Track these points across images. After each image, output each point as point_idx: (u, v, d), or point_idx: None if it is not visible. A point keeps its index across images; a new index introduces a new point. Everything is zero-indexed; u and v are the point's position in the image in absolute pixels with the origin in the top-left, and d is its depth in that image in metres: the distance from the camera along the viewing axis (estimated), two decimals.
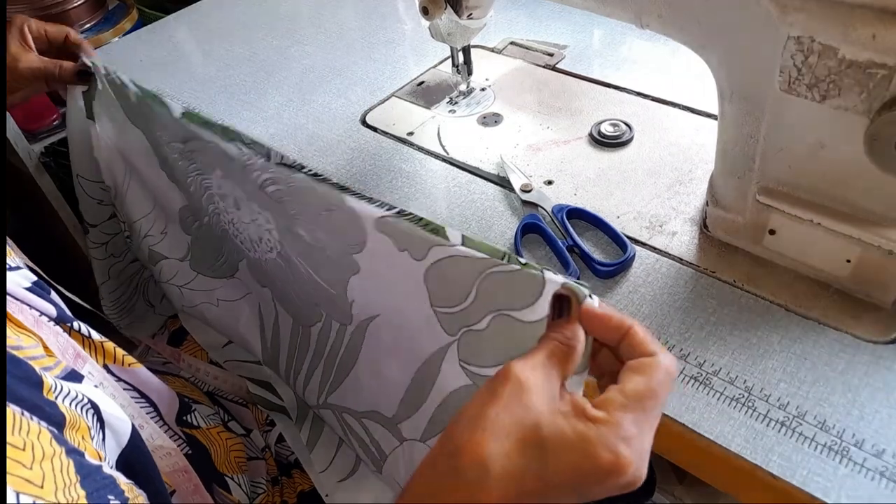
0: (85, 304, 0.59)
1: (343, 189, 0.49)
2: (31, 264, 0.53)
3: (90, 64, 0.68)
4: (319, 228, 0.54)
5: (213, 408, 0.65)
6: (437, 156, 0.71)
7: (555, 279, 0.39)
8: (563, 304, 0.36)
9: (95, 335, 0.49)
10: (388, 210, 0.47)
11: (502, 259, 0.42)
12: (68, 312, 0.49)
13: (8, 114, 1.02)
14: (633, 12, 0.53)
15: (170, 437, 0.52)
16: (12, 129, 1.03)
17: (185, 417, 0.56)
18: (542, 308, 0.40)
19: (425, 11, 0.64)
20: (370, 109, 0.79)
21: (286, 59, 0.91)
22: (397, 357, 0.55)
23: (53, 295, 0.49)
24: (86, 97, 0.71)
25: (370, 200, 0.48)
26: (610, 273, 0.56)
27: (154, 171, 0.71)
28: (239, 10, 1.06)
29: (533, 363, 0.33)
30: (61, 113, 1.25)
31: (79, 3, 1.26)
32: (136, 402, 0.50)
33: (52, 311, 0.46)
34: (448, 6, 0.64)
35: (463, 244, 0.44)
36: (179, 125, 0.60)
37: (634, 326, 0.34)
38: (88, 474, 0.32)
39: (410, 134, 0.75)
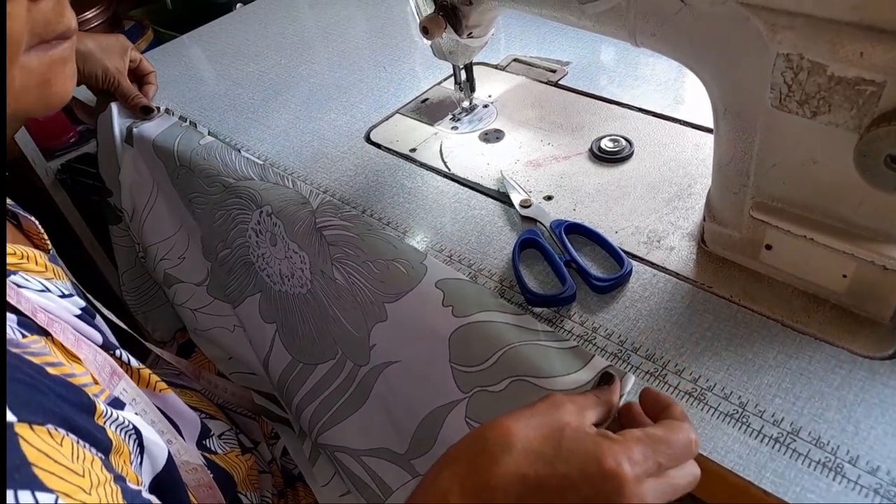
0: (125, 327, 0.61)
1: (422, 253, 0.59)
2: (81, 289, 0.54)
3: (157, 108, 0.82)
4: (361, 274, 0.60)
5: (227, 423, 0.66)
6: (438, 172, 0.72)
7: (598, 361, 0.49)
8: (605, 378, 0.43)
9: (134, 362, 0.51)
10: (462, 277, 0.56)
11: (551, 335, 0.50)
12: (112, 339, 0.51)
13: (25, 131, 1.05)
14: (628, 31, 0.54)
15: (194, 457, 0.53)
16: (30, 146, 1.06)
17: (204, 442, 0.57)
18: (573, 379, 0.48)
19: (425, 31, 0.65)
20: (374, 126, 0.80)
21: (294, 77, 0.93)
22: (409, 403, 0.57)
23: (98, 320, 0.51)
24: (130, 125, 0.81)
25: (446, 267, 0.57)
26: (607, 288, 0.56)
27: (175, 202, 0.75)
28: (250, 30, 1.08)
29: (572, 398, 0.39)
30: (78, 131, 1.28)
31: (96, 23, 1.30)
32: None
33: (98, 338, 0.47)
34: (448, 26, 0.65)
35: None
36: (252, 166, 0.71)
37: (678, 405, 0.41)
38: (132, 500, 0.34)
39: (413, 150, 0.76)
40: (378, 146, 0.77)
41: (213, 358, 0.81)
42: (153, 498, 0.37)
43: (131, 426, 0.40)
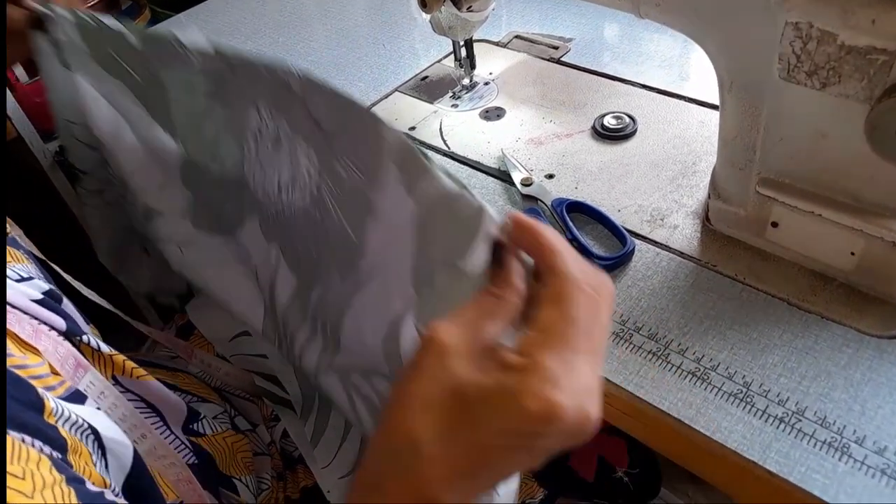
0: (105, 304, 0.59)
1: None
2: (48, 273, 0.52)
3: (41, 11, 0.60)
4: (356, 165, 0.50)
5: (221, 405, 0.65)
6: (438, 150, 0.71)
7: (492, 212, 0.34)
8: (497, 251, 0.33)
9: (105, 348, 0.48)
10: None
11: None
12: (80, 324, 0.48)
13: (23, 113, 1.04)
14: (632, 2, 0.52)
15: (175, 448, 0.51)
16: (27, 128, 1.05)
17: (191, 426, 0.56)
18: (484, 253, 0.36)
19: (423, 4, 0.63)
20: (373, 105, 0.79)
21: (291, 55, 0.91)
22: (374, 318, 0.51)
23: (66, 304, 0.49)
24: (56, 47, 0.64)
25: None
26: (609, 267, 0.55)
27: (146, 122, 0.67)
28: (247, 8, 1.07)
29: (459, 320, 0.30)
30: None
31: (93, 2, 1.28)
32: (142, 413, 0.50)
33: (62, 324, 0.45)
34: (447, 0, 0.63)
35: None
36: (219, 59, 0.55)
37: (562, 252, 0.31)
38: (91, 502, 0.32)
39: (412, 129, 0.74)
40: None
41: (212, 339, 0.79)
42: (120, 500, 0.35)
43: (86, 425, 0.38)
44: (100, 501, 0.33)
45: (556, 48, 0.84)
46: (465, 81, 0.78)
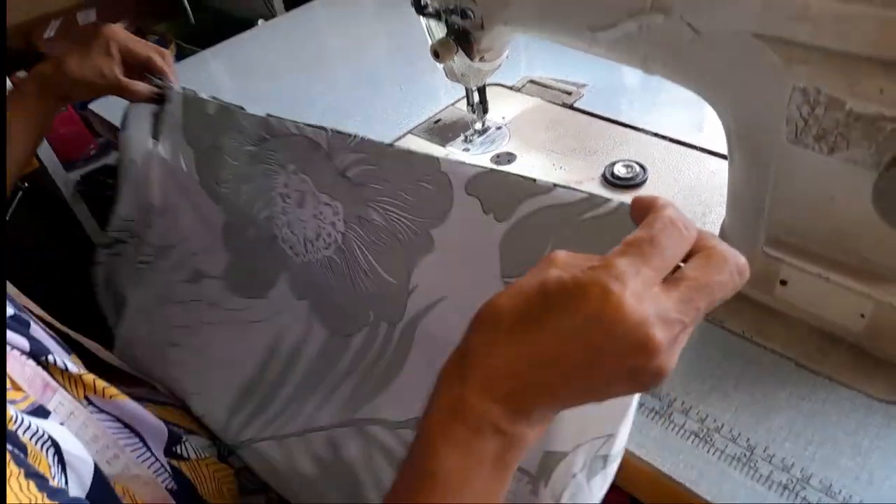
0: (89, 343, 0.60)
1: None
2: (16, 301, 0.53)
3: (164, 90, 0.72)
4: (398, 206, 0.57)
5: (209, 440, 0.65)
6: None
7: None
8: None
9: (73, 368, 0.49)
10: (481, 170, 0.51)
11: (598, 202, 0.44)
12: (46, 344, 0.49)
13: (47, 143, 1.07)
14: (640, 59, 0.53)
15: (154, 470, 0.52)
16: (50, 158, 1.08)
17: (174, 448, 0.56)
18: None
19: (436, 55, 0.65)
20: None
21: (310, 95, 0.93)
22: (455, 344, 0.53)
23: (34, 328, 0.50)
24: (154, 118, 0.75)
25: (463, 163, 0.52)
26: None
27: (196, 191, 0.73)
28: (271, 47, 1.09)
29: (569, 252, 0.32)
30: (98, 143, 1.30)
31: None
32: (117, 434, 0.50)
33: (25, 344, 0.46)
34: (459, 50, 0.64)
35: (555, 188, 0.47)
36: (261, 124, 0.66)
37: (667, 203, 0.34)
38: (54, 493, 0.33)
39: None
40: None
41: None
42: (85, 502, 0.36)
43: (48, 437, 0.39)
44: (65, 497, 0.33)
45: (569, 93, 0.84)
46: (478, 126, 0.79)
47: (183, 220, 0.77)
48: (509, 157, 0.76)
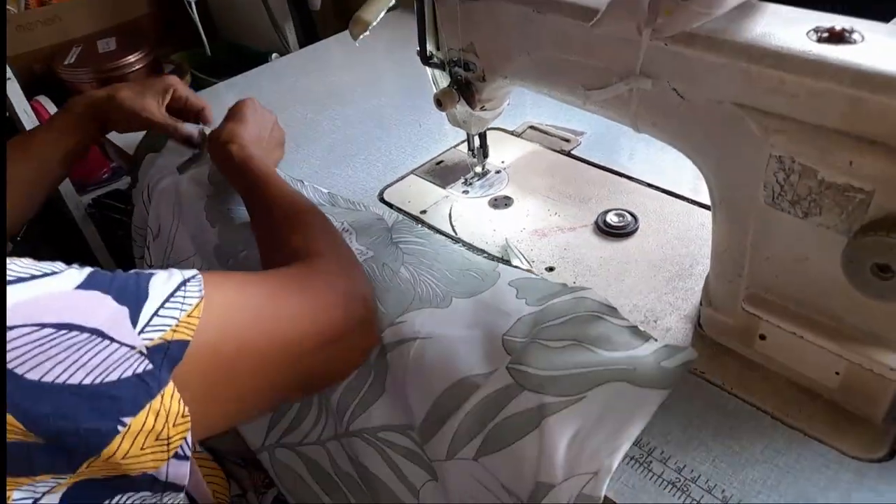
0: None
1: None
2: None
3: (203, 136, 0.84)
4: (433, 275, 0.66)
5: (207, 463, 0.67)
6: (446, 234, 0.74)
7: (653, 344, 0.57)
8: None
9: None
10: (529, 275, 0.65)
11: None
12: None
13: None
14: (630, 118, 0.55)
15: None
16: (64, 180, 1.11)
17: None
18: (628, 355, 0.55)
19: (439, 103, 0.67)
20: (388, 186, 0.83)
21: (317, 132, 0.96)
22: (430, 377, 0.57)
23: None
24: (190, 160, 0.85)
25: (518, 268, 0.66)
26: None
27: (193, 215, 0.78)
28: (283, 82, 1.13)
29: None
30: (111, 167, 1.33)
31: (138, 67, 1.36)
32: None
33: None
34: (461, 99, 0.67)
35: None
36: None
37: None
38: None
39: (423, 212, 0.78)
40: (390, 205, 0.79)
41: None
42: None
43: None
44: None
45: (567, 141, 0.87)
46: (478, 169, 0.82)
47: (178, 242, 0.81)
48: (506, 201, 0.78)
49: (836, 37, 0.44)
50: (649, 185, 0.77)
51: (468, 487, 0.53)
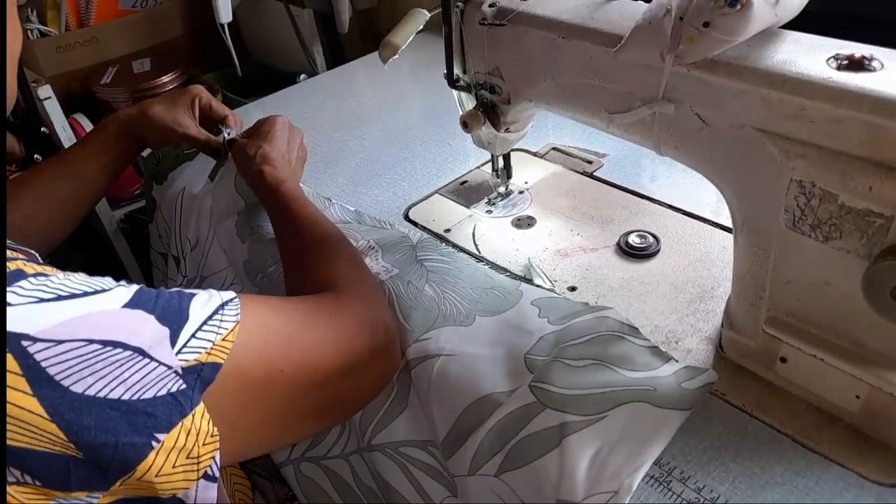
0: None
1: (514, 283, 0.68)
2: None
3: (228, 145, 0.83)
4: (456, 293, 0.67)
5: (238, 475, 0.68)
6: (469, 253, 0.75)
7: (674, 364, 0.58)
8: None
9: None
10: (551, 295, 0.65)
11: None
12: None
13: None
14: (652, 142, 0.57)
15: None
16: None
17: None
18: (648, 375, 0.55)
19: (465, 125, 0.69)
20: (414, 205, 0.84)
21: (344, 152, 0.99)
22: (453, 393, 0.58)
23: None
24: (217, 164, 0.85)
25: (540, 287, 0.67)
26: None
27: (224, 230, 0.80)
28: (310, 102, 1.16)
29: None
30: (143, 184, 1.37)
31: (171, 87, 1.41)
32: None
33: None
34: (487, 121, 0.69)
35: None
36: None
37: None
38: None
39: (447, 231, 0.79)
40: (415, 224, 0.81)
41: None
42: None
43: None
44: None
45: (590, 162, 0.88)
46: (501, 189, 0.83)
47: (211, 255, 0.83)
48: (529, 221, 0.79)
49: (856, 64, 0.45)
50: (671, 207, 0.78)
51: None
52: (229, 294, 0.48)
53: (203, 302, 0.45)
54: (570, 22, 0.57)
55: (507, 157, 0.81)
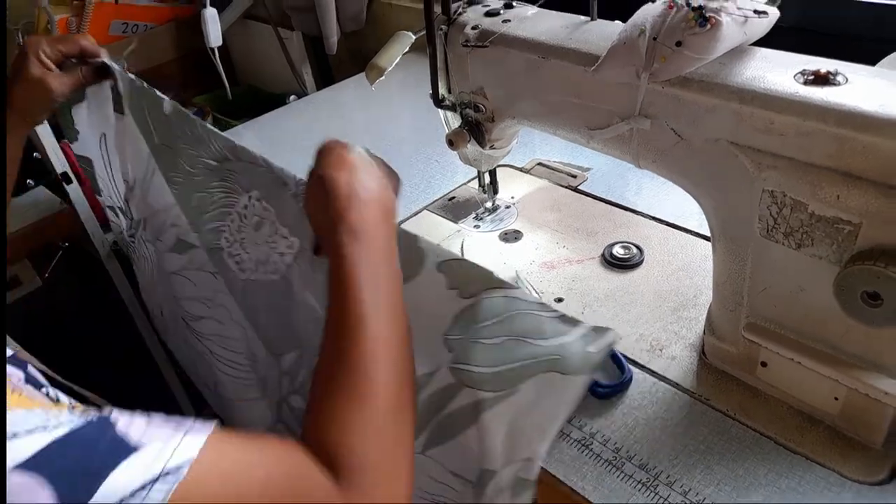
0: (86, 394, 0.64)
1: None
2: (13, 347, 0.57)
3: (109, 63, 0.73)
4: None
5: None
6: None
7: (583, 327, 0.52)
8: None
9: (63, 398, 0.49)
10: (452, 255, 0.58)
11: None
12: (40, 378, 0.53)
13: (86, 203, 1.14)
14: (631, 156, 0.58)
15: None
16: (90, 219, 1.15)
17: None
18: (559, 342, 0.52)
19: (451, 143, 0.71)
20: (403, 221, 0.86)
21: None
22: None
23: (30, 369, 0.54)
24: (113, 91, 0.76)
25: (439, 246, 0.59)
26: (607, 394, 0.59)
27: (156, 173, 0.76)
28: (300, 121, 1.18)
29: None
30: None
31: None
32: None
33: (21, 374, 0.47)
34: (472, 139, 0.71)
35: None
36: (227, 145, 0.69)
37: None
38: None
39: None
40: None
41: None
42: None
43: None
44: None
45: (574, 176, 0.90)
46: (488, 205, 0.85)
47: (152, 195, 0.79)
48: (516, 235, 0.81)
49: (822, 79, 0.47)
50: (654, 219, 0.80)
51: (418, 483, 0.55)
52: (181, 458, 0.34)
53: (134, 468, 0.33)
54: (550, 43, 0.59)
55: (493, 173, 0.83)
